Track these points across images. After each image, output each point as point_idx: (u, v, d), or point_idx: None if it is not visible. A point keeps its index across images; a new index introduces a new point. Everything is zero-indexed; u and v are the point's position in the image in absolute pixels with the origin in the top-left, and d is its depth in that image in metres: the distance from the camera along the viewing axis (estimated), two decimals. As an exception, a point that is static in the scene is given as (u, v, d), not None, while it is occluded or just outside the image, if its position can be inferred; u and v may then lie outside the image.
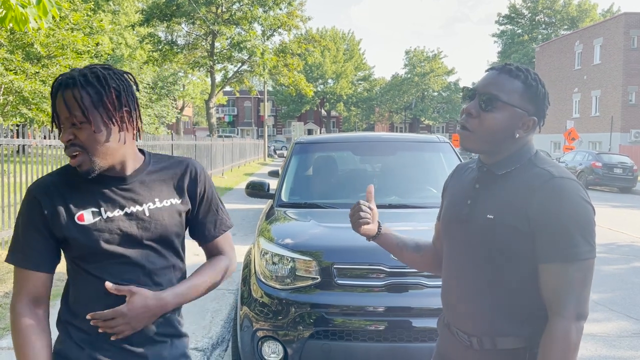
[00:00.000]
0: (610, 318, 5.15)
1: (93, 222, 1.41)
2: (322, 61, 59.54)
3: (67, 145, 1.39)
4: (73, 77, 1.37)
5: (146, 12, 27.08)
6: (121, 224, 1.44)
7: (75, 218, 1.41)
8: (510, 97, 1.44)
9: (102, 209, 1.43)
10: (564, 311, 1.35)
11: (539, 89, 1.47)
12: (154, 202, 1.49)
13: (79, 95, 1.36)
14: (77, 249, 1.42)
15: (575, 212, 1.36)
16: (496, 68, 1.50)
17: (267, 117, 37.53)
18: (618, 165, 19.97)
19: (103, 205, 1.43)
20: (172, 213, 1.52)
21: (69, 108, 1.35)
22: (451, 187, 1.70)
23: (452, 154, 4.60)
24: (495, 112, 1.45)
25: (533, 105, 1.47)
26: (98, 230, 1.41)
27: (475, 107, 1.47)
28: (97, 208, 1.43)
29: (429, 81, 62.04)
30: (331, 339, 2.95)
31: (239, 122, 75.43)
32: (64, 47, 13.60)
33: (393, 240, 1.83)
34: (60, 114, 1.37)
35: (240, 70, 28.96)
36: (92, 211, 1.42)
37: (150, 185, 1.50)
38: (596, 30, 34.50)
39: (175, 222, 1.52)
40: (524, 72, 1.47)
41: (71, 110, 1.35)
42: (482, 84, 1.49)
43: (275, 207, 4.08)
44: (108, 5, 32.64)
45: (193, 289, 1.54)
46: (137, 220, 1.46)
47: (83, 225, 1.41)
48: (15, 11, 4.01)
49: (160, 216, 1.49)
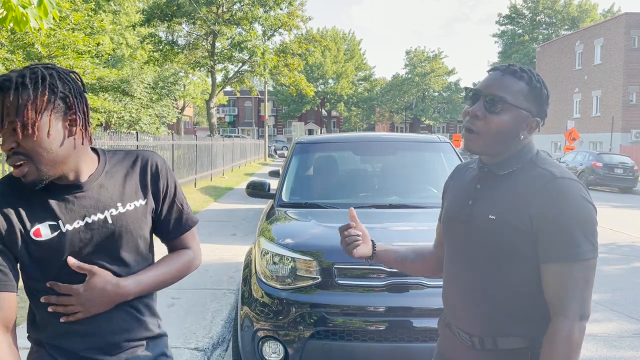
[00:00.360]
0: (611, 318, 5.14)
1: (51, 237, 1.28)
2: (323, 61, 59.55)
3: (9, 155, 1.23)
4: (10, 79, 1.23)
5: (147, 12, 27.09)
6: (83, 236, 1.32)
7: (31, 233, 1.27)
8: (516, 98, 1.43)
9: (60, 221, 1.30)
10: (567, 311, 1.35)
11: (542, 91, 1.46)
12: (116, 208, 1.37)
13: (18, 98, 1.21)
14: (35, 267, 1.30)
15: (577, 212, 1.36)
16: (500, 69, 1.48)
17: (268, 117, 37.55)
18: (619, 165, 19.97)
19: (61, 217, 1.30)
20: (137, 216, 1.41)
21: (8, 113, 1.21)
22: (451, 188, 1.69)
23: (452, 154, 4.60)
24: (502, 114, 1.43)
25: (537, 107, 1.47)
26: (57, 245, 1.29)
27: (481, 109, 1.45)
28: (55, 221, 1.29)
29: (430, 81, 62.04)
30: (332, 339, 2.95)
31: (239, 122, 75.44)
32: (64, 47, 13.60)
33: (391, 256, 1.81)
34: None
35: (240, 70, 28.97)
36: (49, 225, 1.28)
37: (110, 188, 1.38)
38: (597, 30, 34.49)
39: (141, 226, 1.41)
40: (527, 73, 1.46)
41: (10, 116, 1.21)
42: (487, 85, 1.47)
43: (276, 207, 4.09)
44: (109, 6, 32.65)
45: (158, 279, 1.43)
46: (100, 230, 1.34)
47: (40, 241, 1.27)
48: (16, 11, 4.02)
49: (125, 222, 1.38)
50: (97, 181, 1.36)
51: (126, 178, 1.41)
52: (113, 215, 1.36)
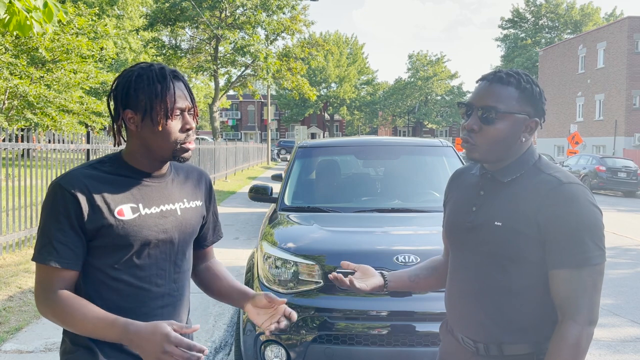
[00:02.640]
0: (614, 323, 5.12)
1: (133, 218, 1.38)
2: (326, 65, 59.61)
3: (190, 134, 1.43)
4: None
5: (150, 16, 27.20)
6: (157, 222, 1.43)
7: (115, 213, 1.37)
8: (508, 105, 1.43)
9: (140, 205, 1.41)
10: (577, 316, 1.34)
11: (534, 90, 1.46)
12: (183, 202, 1.50)
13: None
14: (112, 242, 1.37)
15: (584, 217, 1.36)
16: (487, 78, 1.48)
17: (271, 120, 37.58)
18: (622, 169, 19.91)
19: (141, 201, 1.42)
20: (197, 215, 1.55)
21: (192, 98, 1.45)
22: (452, 195, 1.68)
23: (455, 158, 4.60)
24: (497, 124, 1.44)
25: (532, 107, 1.46)
26: (137, 226, 1.38)
27: (477, 122, 1.46)
28: (135, 204, 1.40)
29: (432, 85, 62.03)
30: (334, 343, 2.95)
31: (242, 126, 75.55)
32: (68, 52, 13.65)
33: (404, 280, 1.78)
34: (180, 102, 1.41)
35: (243, 74, 29.02)
36: (130, 207, 1.39)
37: (178, 186, 1.52)
38: (600, 34, 34.46)
39: (198, 223, 1.56)
40: (515, 76, 1.46)
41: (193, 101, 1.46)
42: (477, 97, 1.47)
43: (278, 211, 4.09)
44: (112, 10, 32.79)
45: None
46: (172, 218, 1.46)
47: (123, 219, 1.37)
48: (20, 16, 4.04)
49: (189, 216, 1.51)
50: (169, 177, 1.51)
51: (189, 181, 1.57)
52: (181, 208, 1.50)
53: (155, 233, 1.42)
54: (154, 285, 1.43)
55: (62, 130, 13.66)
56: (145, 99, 1.37)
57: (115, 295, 1.39)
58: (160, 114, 1.36)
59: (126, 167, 1.43)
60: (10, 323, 4.44)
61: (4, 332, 4.23)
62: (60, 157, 7.79)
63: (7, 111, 13.64)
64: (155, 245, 1.42)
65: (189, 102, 1.41)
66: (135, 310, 1.40)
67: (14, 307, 4.82)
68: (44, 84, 14.21)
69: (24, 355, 3.87)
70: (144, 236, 1.39)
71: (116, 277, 1.39)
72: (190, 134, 1.42)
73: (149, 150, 1.42)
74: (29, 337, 4.17)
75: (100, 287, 1.39)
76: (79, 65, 14.38)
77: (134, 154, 1.43)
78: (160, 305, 1.45)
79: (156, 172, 1.47)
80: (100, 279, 1.39)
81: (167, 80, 1.38)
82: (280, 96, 62.49)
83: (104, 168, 1.42)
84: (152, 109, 1.36)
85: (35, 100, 13.26)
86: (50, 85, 14.72)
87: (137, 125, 1.40)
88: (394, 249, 3.17)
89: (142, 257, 1.40)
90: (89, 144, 8.45)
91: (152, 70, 1.39)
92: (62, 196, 1.34)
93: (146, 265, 1.41)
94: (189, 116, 1.42)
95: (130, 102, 1.38)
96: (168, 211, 1.46)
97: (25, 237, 6.95)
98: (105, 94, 23.65)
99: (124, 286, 1.39)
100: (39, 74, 14.10)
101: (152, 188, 1.45)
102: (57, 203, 1.34)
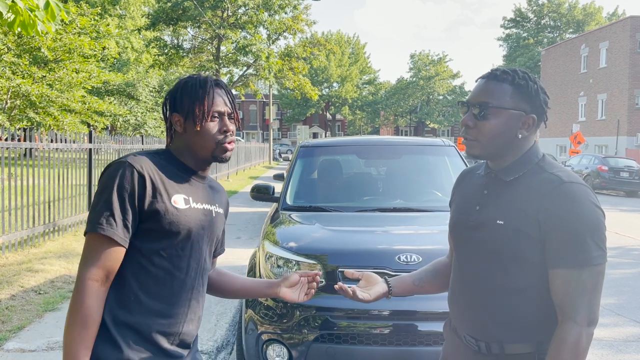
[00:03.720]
0: (616, 323, 5.12)
1: (185, 208, 1.49)
2: (327, 65, 59.56)
3: (228, 135, 1.54)
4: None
5: (152, 16, 27.21)
6: (200, 217, 1.53)
7: (172, 200, 1.47)
8: (500, 100, 1.46)
9: (191, 198, 1.52)
10: (576, 316, 1.34)
11: (529, 86, 1.47)
12: (217, 207, 1.62)
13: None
14: (163, 226, 1.44)
15: (585, 217, 1.36)
16: (483, 76, 1.53)
17: (273, 120, 37.58)
18: (625, 169, 19.87)
19: (191, 195, 1.53)
20: (222, 222, 1.67)
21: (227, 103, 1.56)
22: (458, 194, 1.69)
23: (457, 157, 4.60)
24: (491, 119, 1.46)
25: (528, 104, 1.47)
26: (187, 216, 1.49)
27: (471, 118, 1.49)
28: (187, 196, 1.52)
29: (434, 85, 62.01)
30: (336, 343, 2.95)
31: (244, 126, 75.60)
32: (70, 51, 13.68)
33: (408, 285, 1.79)
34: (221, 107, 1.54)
35: (245, 74, 29.03)
36: (183, 198, 1.50)
37: (213, 192, 1.65)
38: (602, 33, 34.40)
39: (221, 231, 1.68)
40: (510, 74, 1.48)
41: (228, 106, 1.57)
42: (473, 95, 1.51)
43: (280, 210, 4.09)
44: (114, 10, 32.82)
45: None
46: (210, 217, 1.57)
47: (177, 207, 1.47)
48: (24, 15, 4.05)
49: (219, 221, 1.63)
50: (207, 183, 1.64)
51: (217, 191, 1.69)
52: (216, 212, 1.61)
53: (199, 227, 1.52)
54: (188, 277, 1.51)
55: (65, 129, 13.69)
56: (188, 102, 1.52)
57: (151, 281, 1.45)
58: (200, 115, 1.50)
59: (178, 162, 1.56)
60: (12, 322, 4.45)
61: (7, 331, 4.24)
62: (63, 157, 7.80)
63: (10, 110, 13.67)
64: (196, 238, 1.52)
65: (228, 107, 1.55)
66: (166, 298, 1.47)
67: (17, 306, 4.83)
68: (46, 83, 14.23)
69: (27, 354, 3.88)
70: (190, 227, 1.49)
71: (158, 263, 1.46)
72: (228, 136, 1.54)
73: (192, 150, 1.54)
74: (31, 336, 4.18)
75: (139, 270, 1.45)
76: (81, 65, 14.40)
77: (182, 152, 1.56)
78: (189, 298, 1.52)
79: (201, 172, 1.59)
80: (141, 262, 1.45)
81: (207, 86, 1.52)
82: (282, 96, 62.50)
83: (162, 159, 1.53)
84: (193, 111, 1.50)
85: (38, 100, 13.29)
86: (53, 84, 14.74)
87: (182, 126, 1.53)
88: (396, 249, 3.17)
89: (185, 248, 1.49)
90: (91, 144, 8.47)
91: (197, 78, 1.54)
92: (131, 174, 1.42)
93: (186, 256, 1.50)
94: (228, 120, 1.54)
95: (177, 106, 1.54)
96: (208, 210, 1.57)
97: (28, 237, 6.96)
98: (107, 93, 23.72)
99: (163, 273, 1.46)
100: (41, 74, 14.12)
101: (198, 186, 1.57)
102: (123, 180, 1.41)
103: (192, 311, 1.53)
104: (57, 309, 4.83)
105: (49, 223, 7.45)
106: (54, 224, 7.59)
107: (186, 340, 1.54)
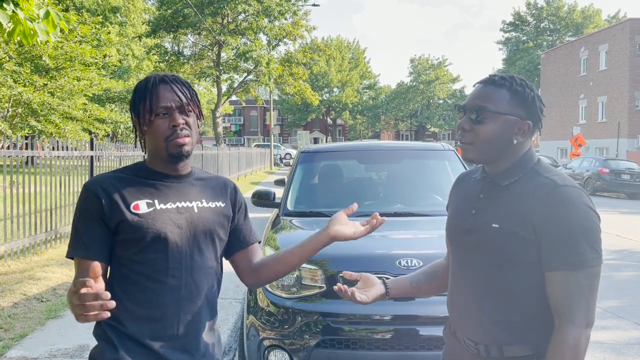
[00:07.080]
0: (618, 326, 5.11)
1: (148, 212, 1.49)
2: (328, 70, 59.72)
3: (178, 130, 1.50)
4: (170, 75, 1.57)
5: (153, 23, 27.34)
6: (172, 216, 1.52)
7: (131, 207, 1.49)
8: (497, 106, 1.48)
9: (156, 201, 1.52)
10: (575, 319, 1.35)
11: (526, 93, 1.49)
12: (201, 202, 1.60)
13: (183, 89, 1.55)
14: (129, 234, 1.48)
15: (580, 220, 1.37)
16: (481, 81, 1.55)
17: (273, 126, 37.62)
18: (625, 171, 19.84)
19: (157, 198, 1.53)
20: (218, 214, 1.62)
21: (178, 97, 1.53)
22: (454, 198, 1.71)
23: (457, 161, 4.61)
24: (487, 123, 1.48)
25: (524, 110, 1.49)
26: (152, 219, 1.49)
27: (467, 121, 1.51)
28: (151, 200, 1.52)
29: (435, 89, 62.08)
30: (337, 348, 2.96)
31: (245, 131, 75.69)
32: (72, 59, 13.74)
33: (405, 286, 1.80)
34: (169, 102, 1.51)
35: (246, 79, 29.11)
36: (146, 202, 1.51)
37: (199, 188, 1.62)
38: (601, 36, 34.46)
39: (219, 223, 1.62)
40: (508, 80, 1.50)
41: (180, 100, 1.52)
42: (470, 99, 1.53)
43: (281, 216, 4.10)
44: (115, 17, 32.94)
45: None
46: (187, 215, 1.55)
47: (138, 213, 1.48)
48: (24, 25, 4.08)
49: (207, 214, 1.59)
50: (190, 180, 1.62)
51: (211, 186, 1.66)
52: (199, 207, 1.58)
53: (170, 227, 1.50)
54: (170, 278, 1.49)
55: (66, 137, 13.73)
56: (137, 105, 1.52)
57: (135, 288, 1.48)
58: (145, 115, 1.49)
59: (147, 170, 1.57)
60: (15, 330, 4.46)
61: (9, 339, 4.25)
62: (64, 164, 7.83)
63: (12, 119, 13.71)
64: (172, 238, 1.50)
65: (177, 101, 1.50)
66: (152, 302, 1.48)
67: (19, 314, 4.84)
68: (47, 91, 14.29)
69: (29, 361, 3.88)
70: (157, 229, 1.48)
71: (137, 269, 1.48)
72: (177, 130, 1.50)
73: (153, 152, 1.54)
74: (33, 343, 4.19)
75: (123, 280, 1.50)
76: (82, 73, 14.47)
77: (150, 157, 1.57)
78: (177, 299, 1.50)
79: (173, 173, 1.58)
80: (123, 272, 1.50)
81: (149, 84, 1.51)
82: (282, 101, 62.60)
83: (126, 172, 1.57)
84: (142, 113, 1.51)
85: (39, 108, 13.33)
86: (54, 92, 14.81)
87: (140, 131, 1.54)
88: (396, 253, 3.18)
89: (158, 250, 1.49)
90: (93, 151, 8.49)
91: (145, 79, 1.54)
92: (87, 195, 1.50)
93: (162, 258, 1.49)
94: (178, 114, 1.50)
95: (134, 111, 1.54)
96: (184, 208, 1.55)
97: (30, 244, 6.98)
98: (109, 100, 23.78)
99: (142, 278, 1.48)
100: (43, 82, 14.18)
101: (170, 187, 1.56)
102: (83, 202, 1.51)
103: (184, 312, 1.51)
104: (60, 317, 4.83)
105: (50, 231, 7.47)
106: (56, 232, 7.61)
107: (187, 345, 1.52)
